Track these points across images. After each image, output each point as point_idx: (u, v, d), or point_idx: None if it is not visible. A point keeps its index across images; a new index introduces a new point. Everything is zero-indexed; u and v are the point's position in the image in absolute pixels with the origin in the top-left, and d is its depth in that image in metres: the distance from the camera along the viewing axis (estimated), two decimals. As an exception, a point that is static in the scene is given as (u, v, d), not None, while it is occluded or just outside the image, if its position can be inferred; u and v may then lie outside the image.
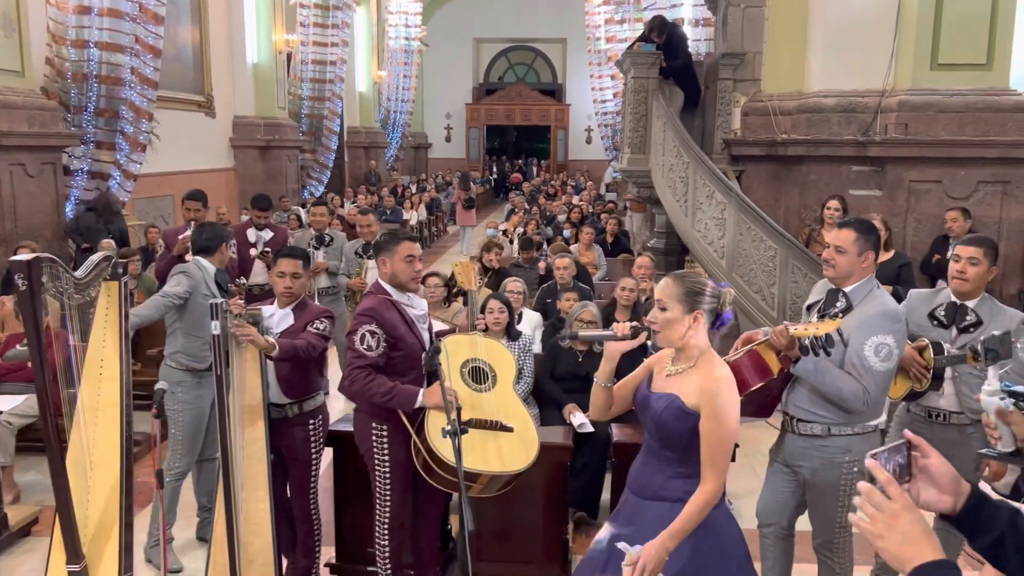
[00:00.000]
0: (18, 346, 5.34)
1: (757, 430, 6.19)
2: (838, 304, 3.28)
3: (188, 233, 5.42)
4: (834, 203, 6.46)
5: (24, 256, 3.07)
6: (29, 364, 5.25)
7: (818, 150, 7.44)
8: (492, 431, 3.37)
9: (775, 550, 3.55)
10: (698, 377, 2.55)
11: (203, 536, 4.36)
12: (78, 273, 3.28)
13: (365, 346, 3.36)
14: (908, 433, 1.52)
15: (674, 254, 8.64)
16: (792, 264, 6.27)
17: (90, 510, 3.41)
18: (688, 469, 2.56)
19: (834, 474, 3.28)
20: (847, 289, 3.27)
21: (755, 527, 4.74)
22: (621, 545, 2.54)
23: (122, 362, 3.46)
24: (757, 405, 3.46)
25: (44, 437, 3.20)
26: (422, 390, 3.35)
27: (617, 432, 4.14)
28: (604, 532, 2.76)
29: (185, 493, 4.36)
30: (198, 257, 4.17)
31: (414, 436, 3.32)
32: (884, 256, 5.78)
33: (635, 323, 2.69)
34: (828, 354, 3.11)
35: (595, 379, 2.83)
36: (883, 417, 3.37)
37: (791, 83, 7.91)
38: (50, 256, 3.16)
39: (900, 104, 6.89)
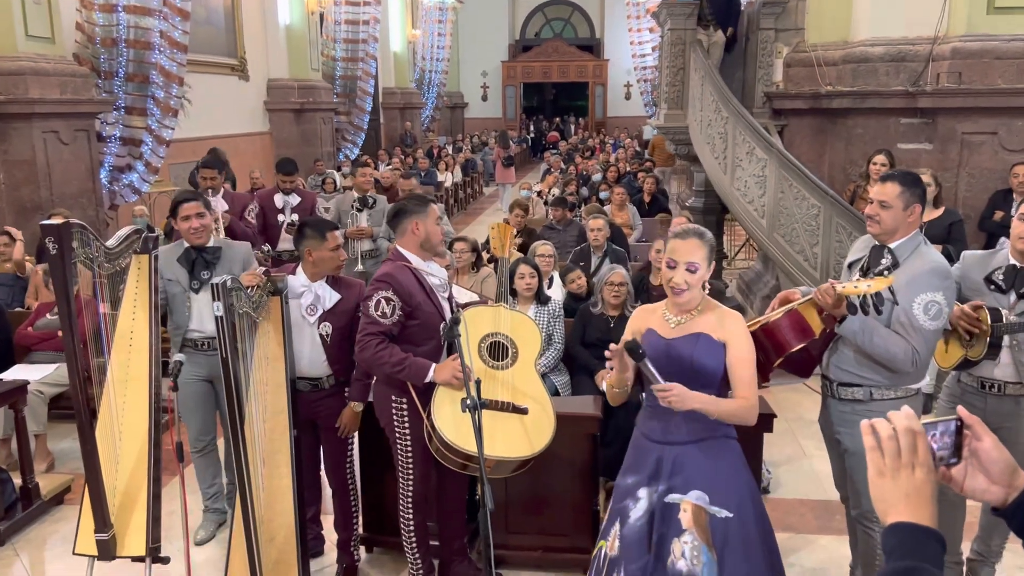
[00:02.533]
0: (48, 315, 5.36)
1: (798, 394, 6.00)
2: (883, 261, 3.10)
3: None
4: (881, 158, 6.17)
5: (55, 221, 3.05)
6: (59, 333, 5.27)
7: (865, 102, 7.08)
8: (502, 412, 3.24)
9: (852, 526, 3.40)
10: (713, 316, 2.74)
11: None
12: (109, 243, 3.29)
13: (379, 312, 3.25)
14: (962, 410, 1.33)
15: (713, 213, 8.38)
16: (836, 223, 6.00)
17: (119, 480, 3.41)
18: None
19: None
20: (892, 245, 3.09)
21: (795, 497, 4.62)
22: (673, 497, 2.65)
23: (151, 334, 3.45)
24: (796, 364, 3.30)
25: (73, 403, 3.20)
26: (435, 364, 3.22)
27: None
28: (639, 503, 2.73)
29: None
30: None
31: (426, 418, 3.22)
32: (934, 213, 5.49)
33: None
34: (879, 313, 2.94)
35: (611, 385, 2.88)
36: (927, 379, 3.20)
37: (836, 32, 7.52)
38: (81, 223, 3.14)
39: (953, 51, 6.51)
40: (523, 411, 3.25)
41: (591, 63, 29.94)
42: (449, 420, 3.18)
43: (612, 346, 2.74)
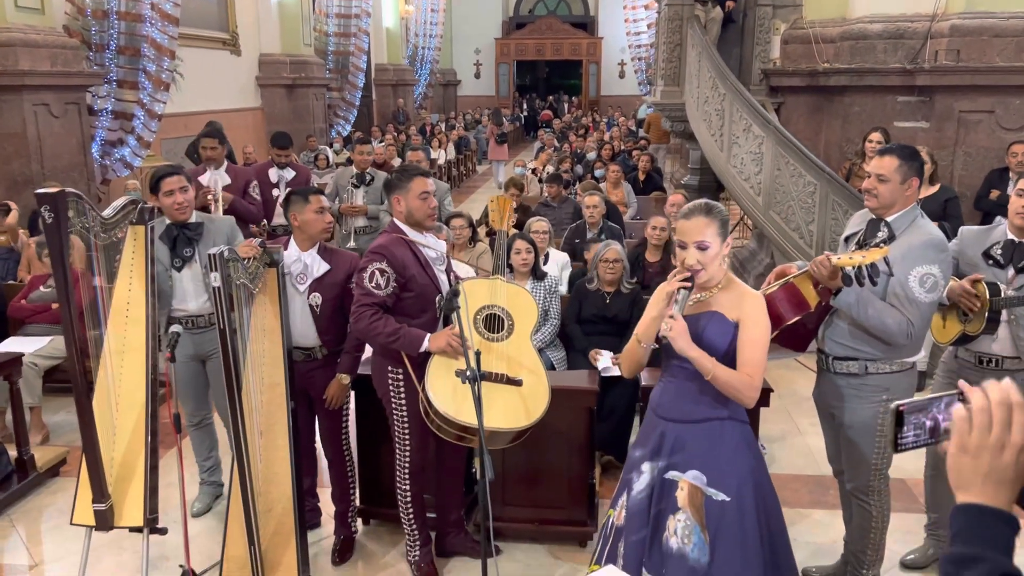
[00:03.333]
0: (42, 287, 5.32)
1: (791, 371, 6.03)
2: (879, 234, 3.11)
3: (209, 177, 5.29)
4: (877, 136, 6.16)
5: (51, 189, 3.03)
6: (53, 306, 5.25)
7: (862, 79, 7.06)
8: (498, 384, 3.24)
9: (846, 500, 3.42)
10: (732, 294, 2.68)
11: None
12: (105, 213, 3.26)
13: (374, 284, 3.24)
14: (964, 384, 1.28)
15: (709, 191, 8.37)
16: (832, 200, 6.01)
17: (116, 451, 3.41)
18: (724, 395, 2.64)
19: (869, 413, 3.16)
20: (889, 219, 3.10)
21: (789, 472, 4.65)
22: (672, 474, 2.63)
23: (148, 305, 3.43)
24: (791, 338, 3.32)
25: (70, 373, 3.18)
26: (429, 334, 3.21)
27: (647, 376, 3.99)
28: (642, 477, 2.73)
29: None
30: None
31: (421, 391, 3.21)
32: (929, 190, 5.49)
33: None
34: (875, 284, 2.95)
35: (637, 337, 2.80)
36: (922, 354, 3.22)
37: (834, 8, 7.49)
38: (76, 192, 3.13)
39: (952, 29, 6.48)
40: (518, 383, 3.25)
41: (585, 41, 29.77)
42: (444, 392, 3.18)
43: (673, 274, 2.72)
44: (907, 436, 1.24)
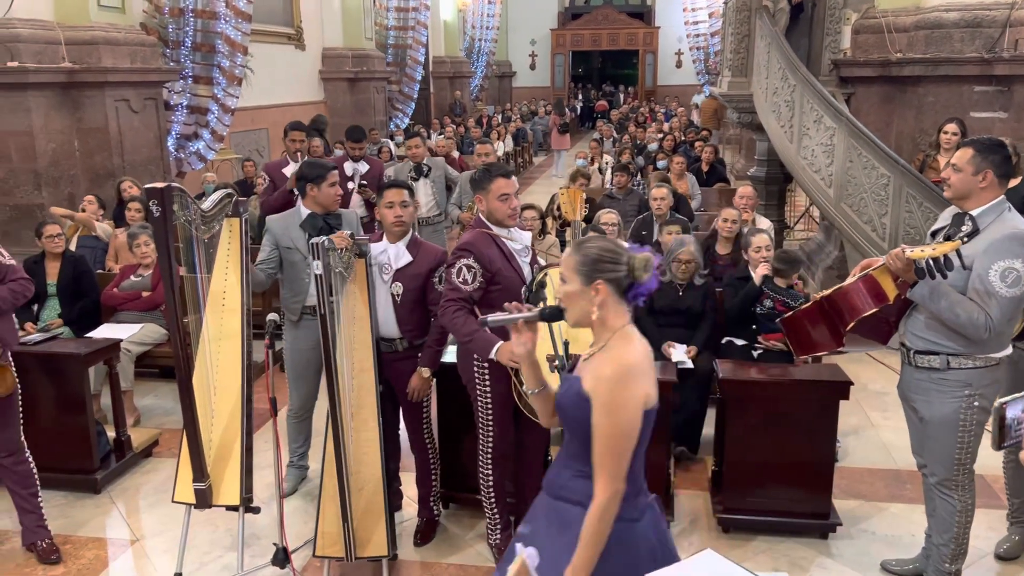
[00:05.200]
0: (132, 276, 5.55)
1: (862, 365, 5.99)
2: (964, 227, 3.11)
3: (293, 168, 5.46)
4: (952, 127, 6.06)
5: (159, 184, 3.20)
6: (144, 294, 5.48)
7: (937, 69, 6.93)
8: None
9: (929, 493, 3.43)
10: (605, 358, 2.14)
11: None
12: (204, 206, 3.41)
13: (460, 279, 3.36)
14: None
15: (776, 183, 8.29)
16: (906, 192, 5.92)
17: (213, 433, 3.57)
18: (592, 469, 2.14)
19: (951, 408, 3.17)
20: (975, 212, 3.11)
21: (864, 466, 4.64)
22: (517, 546, 2.23)
23: (243, 294, 3.60)
24: (874, 330, 3.34)
25: (174, 358, 3.35)
26: (500, 343, 3.24)
27: (722, 368, 4.03)
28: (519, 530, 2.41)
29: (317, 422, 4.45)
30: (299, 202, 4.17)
31: (512, 376, 3.30)
32: (1012, 182, 5.38)
33: (544, 307, 2.34)
34: (944, 277, 2.96)
35: (524, 390, 2.57)
36: (1009, 350, 3.20)
37: (908, -3, 7.36)
38: (180, 186, 3.27)
39: (1033, 17, 6.33)
40: None
41: (641, 30, 29.50)
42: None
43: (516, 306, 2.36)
44: (1015, 433, 1.27)
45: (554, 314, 2.27)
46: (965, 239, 3.04)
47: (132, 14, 8.54)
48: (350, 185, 6.20)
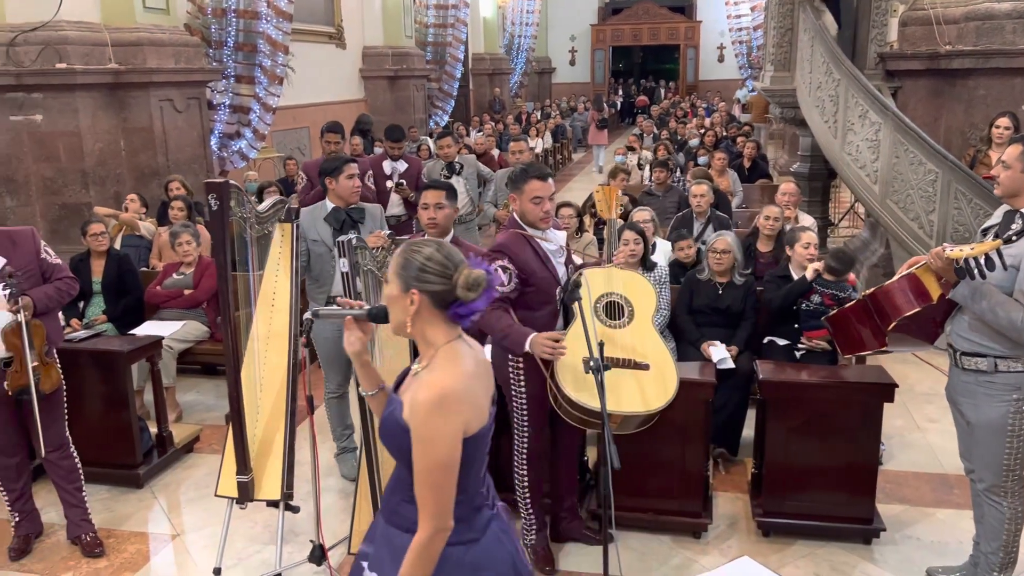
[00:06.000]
0: (174, 275, 5.64)
1: (908, 366, 5.85)
2: (1013, 226, 3.02)
3: None
4: (1004, 121, 5.89)
5: (218, 179, 3.26)
6: (185, 292, 5.56)
7: (988, 62, 6.73)
8: (625, 369, 3.28)
9: (977, 499, 3.33)
10: (425, 380, 1.97)
11: None
12: (260, 207, 3.48)
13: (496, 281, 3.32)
14: None
15: (819, 179, 8.14)
16: (955, 189, 5.76)
17: (258, 428, 3.61)
18: None
19: (999, 412, 3.08)
20: None
21: (909, 470, 4.53)
22: (364, 565, 2.14)
23: (292, 296, 3.65)
24: (921, 329, 3.25)
25: (225, 353, 3.40)
26: (532, 336, 3.21)
27: (763, 369, 3.96)
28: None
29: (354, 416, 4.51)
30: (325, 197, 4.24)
31: (548, 376, 3.27)
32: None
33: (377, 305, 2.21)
34: (984, 277, 2.87)
35: (360, 392, 2.38)
36: None
37: (958, -13, 7.15)
38: (237, 185, 3.33)
39: (1090, 6, 6.12)
40: (644, 367, 3.28)
41: (683, 25, 29.23)
42: (576, 378, 3.22)
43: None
44: None
45: (380, 315, 2.15)
46: (1015, 237, 2.95)
47: (176, 15, 8.68)
48: (388, 184, 6.22)
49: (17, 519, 3.87)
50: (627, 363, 3.29)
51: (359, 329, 2.20)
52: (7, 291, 3.38)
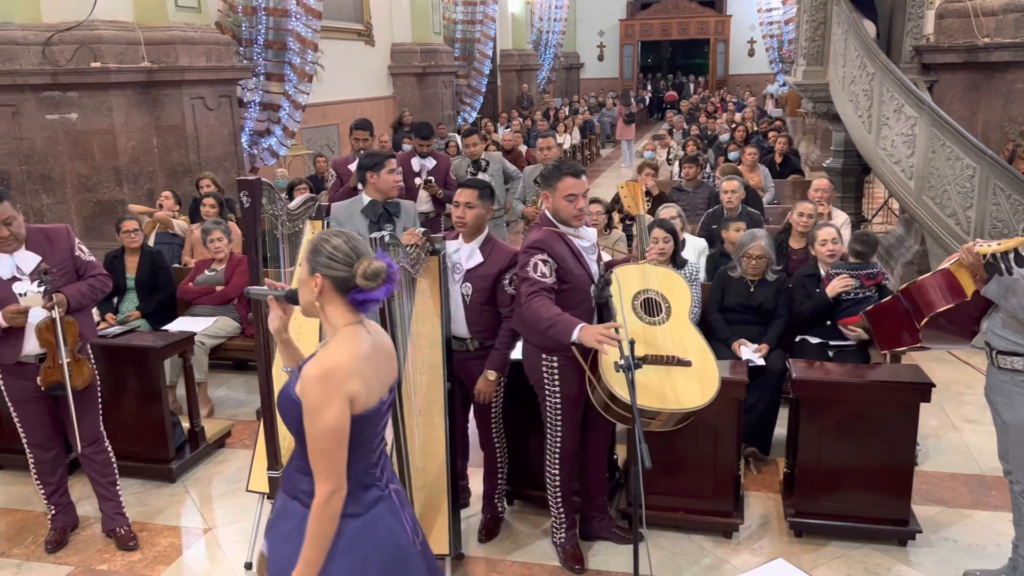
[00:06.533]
0: (207, 271, 5.69)
1: (944, 364, 5.75)
2: None
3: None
4: (1046, 114, 5.75)
5: (249, 176, 3.28)
6: (217, 288, 5.61)
7: (1028, 54, 6.59)
8: (669, 366, 3.24)
9: (1016, 501, 3.26)
10: (314, 360, 2.12)
11: None
12: (291, 204, 3.50)
13: (539, 273, 3.27)
14: None
15: (853, 175, 8.02)
16: (993, 184, 5.64)
17: (289, 425, 3.62)
18: (309, 465, 2.12)
19: None
20: None
21: (946, 470, 4.45)
22: (265, 540, 2.26)
23: None
24: (957, 327, 3.20)
25: (256, 350, 3.42)
26: (582, 324, 3.14)
27: (796, 368, 3.90)
28: None
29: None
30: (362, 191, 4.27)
31: (587, 371, 3.22)
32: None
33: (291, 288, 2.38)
34: (1011, 273, 2.81)
35: (284, 369, 2.48)
36: None
37: (997, -22, 7.00)
38: (268, 182, 3.34)
39: None
40: (687, 363, 3.24)
41: (713, 19, 28.99)
42: (620, 375, 3.17)
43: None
44: None
45: (293, 297, 2.30)
46: None
47: (208, 13, 8.75)
48: (417, 181, 6.23)
49: (53, 512, 3.93)
50: (670, 360, 3.24)
51: (280, 309, 2.37)
52: (42, 288, 3.42)
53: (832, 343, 4.58)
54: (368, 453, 2.18)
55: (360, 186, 5.44)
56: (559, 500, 3.62)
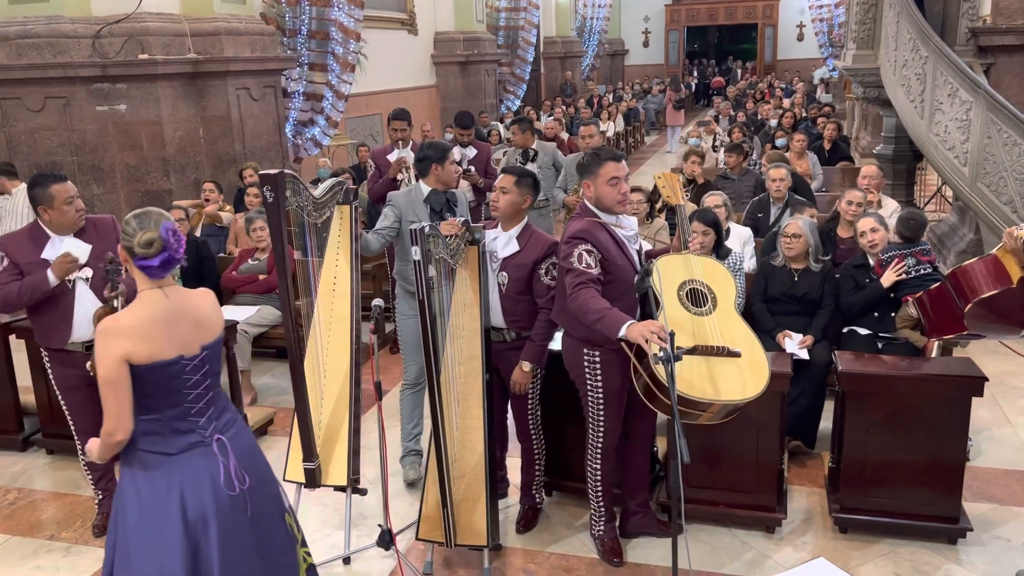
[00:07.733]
0: (250, 260, 5.76)
1: (998, 356, 5.56)
2: None
3: (397, 155, 5.53)
4: (1109, 98, 5.52)
5: (272, 170, 3.29)
6: (260, 277, 5.67)
7: (1091, 35, 6.32)
8: (718, 357, 3.16)
9: None
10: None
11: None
12: (316, 193, 3.47)
13: (584, 264, 3.22)
14: None
15: (904, 161, 7.80)
16: (1053, 171, 5.44)
17: (323, 414, 3.65)
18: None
19: None
20: None
21: (999, 467, 4.31)
22: None
23: (352, 280, 3.65)
24: (1010, 316, 3.09)
25: (286, 341, 3.44)
26: (631, 320, 3.07)
27: (842, 360, 3.80)
28: None
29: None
30: (420, 181, 4.23)
31: (633, 359, 3.15)
32: None
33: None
34: None
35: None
36: None
37: (1059, -44, 6.73)
38: (293, 173, 3.34)
39: None
40: (736, 354, 3.16)
41: (761, 3, 28.43)
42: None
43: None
44: None
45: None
46: None
47: (252, 4, 8.84)
48: (456, 169, 6.20)
49: (100, 497, 4.01)
50: (720, 351, 3.17)
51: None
52: (106, 276, 3.46)
53: (881, 334, 4.46)
54: (178, 401, 2.45)
55: (401, 177, 5.45)
56: (599, 494, 3.59)
